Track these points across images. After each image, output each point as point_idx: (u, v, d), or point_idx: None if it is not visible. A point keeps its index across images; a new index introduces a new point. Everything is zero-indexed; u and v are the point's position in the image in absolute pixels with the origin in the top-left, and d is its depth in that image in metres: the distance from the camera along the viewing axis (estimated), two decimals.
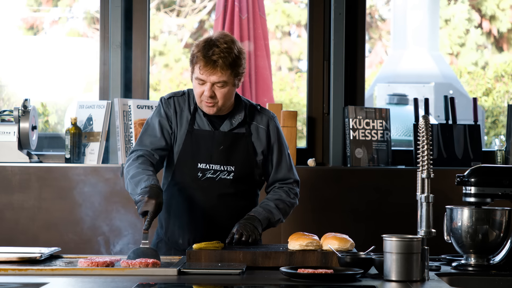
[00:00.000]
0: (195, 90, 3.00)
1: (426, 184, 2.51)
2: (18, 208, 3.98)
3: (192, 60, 2.98)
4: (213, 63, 2.92)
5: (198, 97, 3.00)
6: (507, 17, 10.86)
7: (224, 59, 2.92)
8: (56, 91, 8.21)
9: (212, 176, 3.03)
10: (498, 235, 2.72)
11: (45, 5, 10.44)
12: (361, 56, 4.29)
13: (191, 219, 3.05)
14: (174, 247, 3.09)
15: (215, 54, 2.92)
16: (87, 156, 4.07)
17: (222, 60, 2.92)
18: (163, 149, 3.06)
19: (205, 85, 2.95)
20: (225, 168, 3.03)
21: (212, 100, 2.97)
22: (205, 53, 2.92)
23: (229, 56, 2.93)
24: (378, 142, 4.19)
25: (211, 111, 3.01)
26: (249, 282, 2.43)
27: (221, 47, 2.93)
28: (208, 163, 3.03)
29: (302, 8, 10.63)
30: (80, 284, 2.34)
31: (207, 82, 2.95)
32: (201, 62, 2.93)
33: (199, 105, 3.03)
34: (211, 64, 2.92)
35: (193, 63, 2.98)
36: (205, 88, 2.95)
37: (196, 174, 3.03)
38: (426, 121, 2.50)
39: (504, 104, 9.58)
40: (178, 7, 10.80)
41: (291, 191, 3.14)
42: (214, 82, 2.94)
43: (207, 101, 2.98)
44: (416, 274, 2.42)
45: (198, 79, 2.96)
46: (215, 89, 2.96)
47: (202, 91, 2.96)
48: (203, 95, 2.97)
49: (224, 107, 3.03)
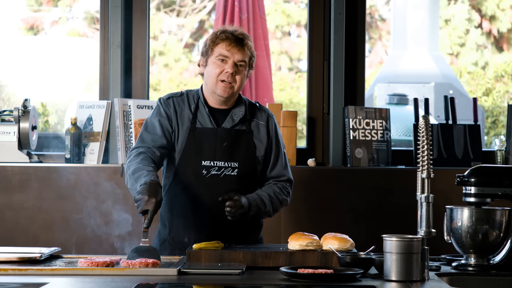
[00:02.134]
0: (214, 70, 3.04)
1: (426, 184, 2.51)
2: (18, 208, 3.98)
3: (211, 43, 3.05)
4: (240, 41, 3.04)
5: (215, 77, 3.04)
6: (507, 17, 10.86)
7: (248, 40, 3.08)
8: (56, 91, 8.21)
9: (217, 173, 3.03)
10: (498, 235, 2.72)
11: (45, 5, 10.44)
12: (361, 56, 4.29)
13: (196, 217, 3.05)
14: (178, 246, 3.09)
15: (240, 34, 3.06)
16: (87, 156, 4.07)
17: (247, 40, 3.07)
18: (164, 147, 3.06)
19: (227, 63, 3.03)
20: (229, 165, 3.04)
21: (232, 79, 3.03)
22: (232, 32, 3.05)
23: (251, 43, 3.10)
24: (378, 142, 4.19)
25: (225, 93, 3.04)
26: (249, 282, 2.43)
27: (243, 32, 3.10)
28: (212, 160, 3.04)
29: (302, 8, 10.63)
30: (80, 284, 2.34)
31: (230, 59, 3.03)
32: (228, 40, 3.03)
33: (213, 87, 3.05)
34: (239, 42, 3.04)
35: (213, 45, 3.04)
36: (226, 66, 3.02)
37: (200, 172, 3.03)
38: (426, 121, 2.50)
39: (504, 104, 9.58)
40: (178, 7, 10.80)
41: (284, 188, 3.16)
42: (238, 60, 3.03)
43: (228, 80, 3.03)
44: (416, 274, 2.42)
45: (221, 56, 3.03)
46: (236, 69, 3.04)
47: (222, 69, 3.03)
48: (224, 73, 3.03)
49: (236, 94, 3.09)
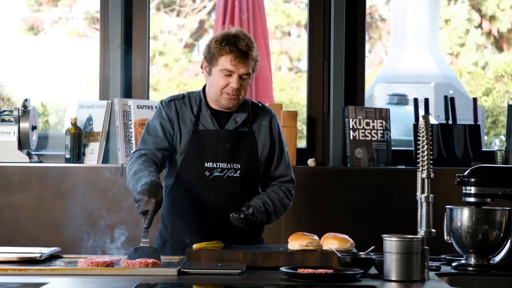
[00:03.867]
0: (218, 83, 3.00)
1: (426, 184, 2.51)
2: (18, 208, 3.98)
3: (216, 52, 2.97)
4: (245, 55, 2.96)
5: (219, 90, 3.00)
6: (507, 17, 10.86)
7: (252, 51, 2.99)
8: (56, 91, 8.21)
9: (220, 174, 3.04)
10: (498, 235, 2.72)
11: (45, 5, 10.44)
12: (361, 56, 4.29)
13: (199, 219, 3.05)
14: (180, 247, 3.08)
15: (245, 46, 2.97)
16: (87, 156, 4.07)
17: (251, 52, 2.98)
18: (165, 150, 3.06)
19: (232, 77, 2.98)
20: (232, 166, 3.04)
21: (237, 92, 3.00)
22: (236, 45, 2.96)
23: (254, 50, 3.00)
24: (378, 142, 4.19)
25: (231, 104, 3.03)
26: (249, 282, 2.43)
27: (246, 40, 2.99)
28: (215, 162, 3.04)
29: (302, 8, 10.63)
30: (80, 284, 2.34)
31: (235, 74, 2.97)
32: (233, 53, 2.95)
33: (217, 97, 3.03)
34: (244, 56, 2.96)
35: (216, 56, 2.98)
36: (231, 80, 2.97)
37: (203, 173, 3.03)
38: (426, 121, 2.50)
39: (504, 104, 9.58)
40: (178, 7, 10.80)
41: (289, 192, 3.16)
42: (243, 74, 2.98)
43: (233, 93, 2.99)
44: (416, 274, 2.42)
45: (225, 71, 2.97)
46: (241, 81, 2.99)
47: (227, 83, 2.98)
48: (229, 87, 2.98)
49: (240, 102, 3.06)
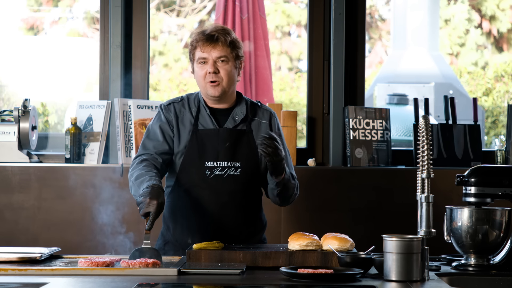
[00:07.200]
0: (198, 74, 3.07)
1: (426, 184, 2.51)
2: (18, 208, 3.98)
3: (191, 48, 3.08)
4: (213, 38, 3.03)
5: (202, 80, 3.06)
6: (507, 17, 10.86)
7: (223, 36, 3.05)
8: (56, 91, 8.20)
9: (220, 173, 3.04)
10: (498, 235, 2.72)
11: (45, 5, 10.44)
12: (361, 56, 4.29)
13: (200, 218, 3.05)
14: (182, 247, 3.08)
15: (213, 31, 3.05)
16: (87, 156, 4.07)
17: (222, 36, 3.04)
18: (166, 153, 3.07)
19: (207, 63, 3.04)
20: (232, 165, 3.05)
21: (216, 77, 3.03)
22: (204, 32, 3.05)
23: (228, 35, 3.06)
24: (378, 142, 4.19)
25: (216, 92, 3.05)
26: (249, 282, 2.43)
27: (217, 28, 3.08)
28: (215, 161, 3.04)
29: (302, 8, 10.63)
30: (80, 284, 2.34)
31: (209, 59, 3.03)
32: (201, 41, 3.04)
33: (204, 90, 3.07)
34: (211, 40, 3.03)
35: (193, 50, 3.07)
36: (207, 66, 3.03)
37: (204, 173, 3.04)
38: (426, 121, 2.50)
39: (504, 104, 9.57)
40: (178, 7, 10.80)
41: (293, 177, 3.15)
42: (216, 57, 3.03)
43: (212, 79, 3.03)
44: (416, 274, 2.42)
45: (200, 59, 3.05)
46: (218, 65, 3.04)
47: (205, 71, 3.04)
48: (207, 74, 3.04)
49: (228, 90, 3.07)
